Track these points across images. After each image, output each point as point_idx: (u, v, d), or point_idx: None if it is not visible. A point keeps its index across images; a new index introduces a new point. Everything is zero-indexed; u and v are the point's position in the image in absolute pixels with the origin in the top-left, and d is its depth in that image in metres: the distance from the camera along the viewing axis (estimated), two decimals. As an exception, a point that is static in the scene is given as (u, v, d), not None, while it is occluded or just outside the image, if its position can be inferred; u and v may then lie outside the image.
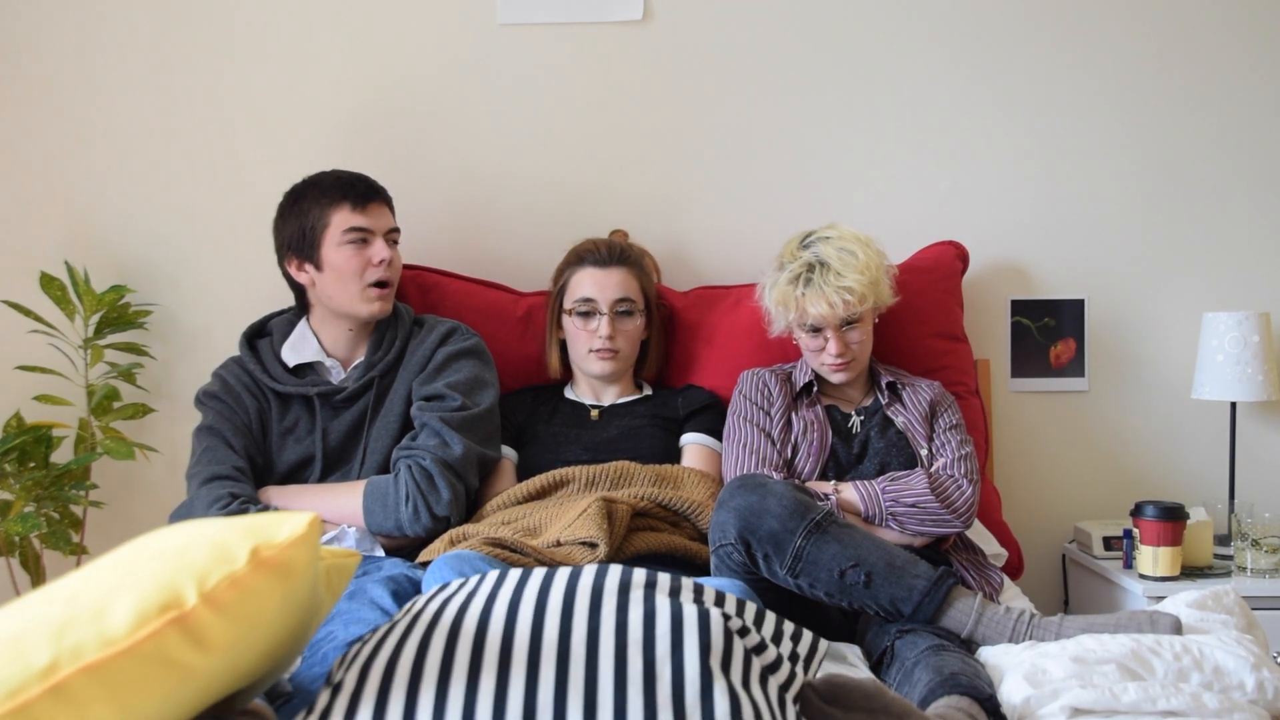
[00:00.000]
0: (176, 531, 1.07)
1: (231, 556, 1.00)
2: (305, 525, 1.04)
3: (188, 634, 0.95)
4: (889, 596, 1.74)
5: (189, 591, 0.96)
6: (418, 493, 2.02)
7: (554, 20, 2.62)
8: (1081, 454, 2.69)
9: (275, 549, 1.01)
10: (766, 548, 1.77)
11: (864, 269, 2.15)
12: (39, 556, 2.42)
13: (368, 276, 2.15)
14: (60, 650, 0.92)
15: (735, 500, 1.81)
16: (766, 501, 1.78)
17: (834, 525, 1.78)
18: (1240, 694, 1.43)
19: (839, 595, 1.76)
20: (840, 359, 2.17)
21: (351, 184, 2.16)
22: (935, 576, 1.74)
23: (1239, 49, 2.65)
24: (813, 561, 1.75)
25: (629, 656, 1.06)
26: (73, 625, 0.94)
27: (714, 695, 1.04)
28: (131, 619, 0.94)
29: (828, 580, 1.75)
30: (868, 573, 1.73)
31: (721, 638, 1.10)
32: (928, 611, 1.72)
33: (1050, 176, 2.66)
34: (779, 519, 1.76)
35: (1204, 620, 1.60)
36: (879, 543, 1.79)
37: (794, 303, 2.17)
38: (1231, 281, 2.67)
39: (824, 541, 1.75)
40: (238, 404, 2.16)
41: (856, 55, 2.64)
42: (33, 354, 2.46)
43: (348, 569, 1.26)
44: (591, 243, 2.37)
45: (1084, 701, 1.39)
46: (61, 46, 2.60)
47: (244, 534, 1.02)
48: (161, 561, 1.00)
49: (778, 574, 1.78)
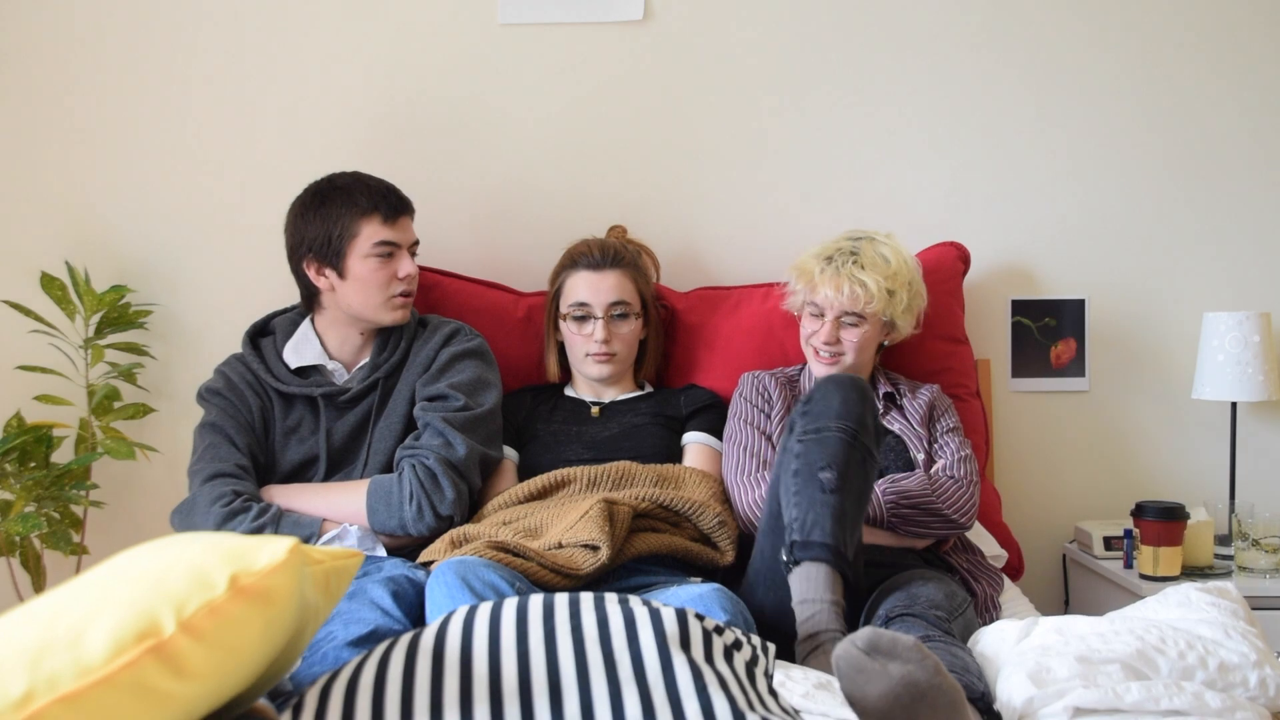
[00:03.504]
0: (158, 551, 1.05)
1: (210, 584, 0.98)
2: (285, 552, 1.02)
3: (166, 662, 0.93)
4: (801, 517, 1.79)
5: (167, 619, 0.94)
6: (422, 492, 2.01)
7: (554, 20, 2.62)
8: (1082, 454, 2.69)
9: (255, 576, 0.99)
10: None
11: (889, 276, 2.16)
12: (39, 556, 2.41)
13: (392, 289, 2.14)
14: (36, 679, 0.90)
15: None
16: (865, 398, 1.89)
17: (867, 458, 1.84)
18: (1243, 691, 1.43)
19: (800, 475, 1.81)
20: (830, 349, 2.17)
21: (384, 195, 2.14)
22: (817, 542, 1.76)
23: (1239, 49, 2.65)
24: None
25: (587, 650, 1.08)
26: (49, 652, 0.92)
27: (675, 670, 1.06)
28: (109, 647, 0.92)
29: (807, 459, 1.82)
30: (836, 487, 1.78)
31: (676, 624, 1.12)
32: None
33: (1051, 177, 2.67)
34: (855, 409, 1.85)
35: (1217, 605, 1.60)
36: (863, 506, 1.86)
37: (809, 276, 2.19)
38: (1231, 281, 2.67)
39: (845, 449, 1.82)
40: (241, 401, 2.16)
41: (857, 56, 2.64)
42: (33, 354, 2.46)
43: (349, 571, 1.25)
44: (585, 244, 2.36)
45: (1087, 701, 1.39)
46: (62, 47, 2.60)
47: (223, 560, 1.00)
48: (140, 587, 0.98)
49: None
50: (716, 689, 1.05)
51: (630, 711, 1.02)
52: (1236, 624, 1.54)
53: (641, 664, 1.07)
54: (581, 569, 1.80)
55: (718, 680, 1.07)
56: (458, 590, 1.64)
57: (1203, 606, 1.60)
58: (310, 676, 1.54)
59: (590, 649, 1.08)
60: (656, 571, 1.93)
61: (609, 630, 1.10)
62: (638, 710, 1.02)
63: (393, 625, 1.69)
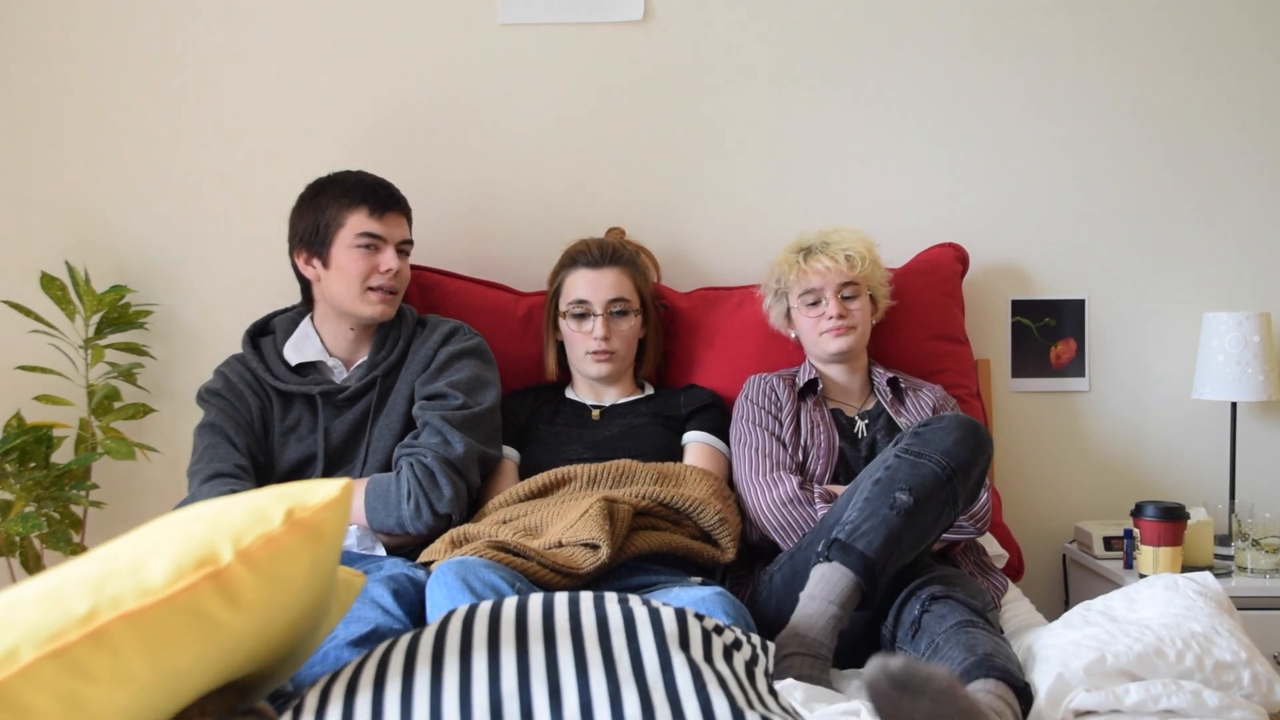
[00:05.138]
0: (218, 501, 1.11)
1: (267, 517, 1.04)
2: (339, 490, 1.08)
3: (222, 589, 0.99)
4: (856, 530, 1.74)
5: (225, 549, 1.01)
6: (419, 490, 2.02)
7: (554, 20, 2.62)
8: (1082, 454, 2.69)
9: (310, 511, 1.05)
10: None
11: (861, 242, 2.26)
12: (39, 556, 2.42)
13: (371, 282, 2.15)
14: (100, 599, 0.96)
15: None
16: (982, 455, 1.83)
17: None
18: (1238, 689, 1.44)
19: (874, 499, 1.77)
20: (841, 322, 2.19)
21: (373, 189, 2.17)
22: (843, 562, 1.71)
23: (1239, 49, 2.65)
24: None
25: (586, 649, 1.09)
26: (112, 578, 0.98)
27: (674, 669, 1.06)
28: (169, 572, 0.98)
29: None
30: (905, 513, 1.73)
31: (675, 624, 1.12)
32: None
33: (1050, 177, 2.67)
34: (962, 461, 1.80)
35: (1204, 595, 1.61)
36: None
37: (795, 267, 2.24)
38: (1231, 281, 2.67)
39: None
40: (240, 401, 2.16)
41: (857, 56, 2.64)
42: (33, 354, 2.46)
43: (355, 586, 1.32)
44: (584, 243, 2.36)
45: (1089, 704, 1.39)
46: (63, 47, 2.60)
47: (279, 498, 1.07)
48: (200, 524, 1.05)
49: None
50: (716, 688, 1.05)
51: (629, 711, 1.02)
52: (1224, 619, 1.55)
53: (641, 663, 1.07)
54: (582, 568, 1.80)
55: (717, 680, 1.07)
56: (458, 591, 1.64)
57: (1190, 594, 1.61)
58: (311, 676, 1.54)
59: (589, 648, 1.09)
60: (657, 570, 1.93)
61: (608, 630, 1.11)
62: (637, 710, 1.02)
63: (393, 625, 1.69)
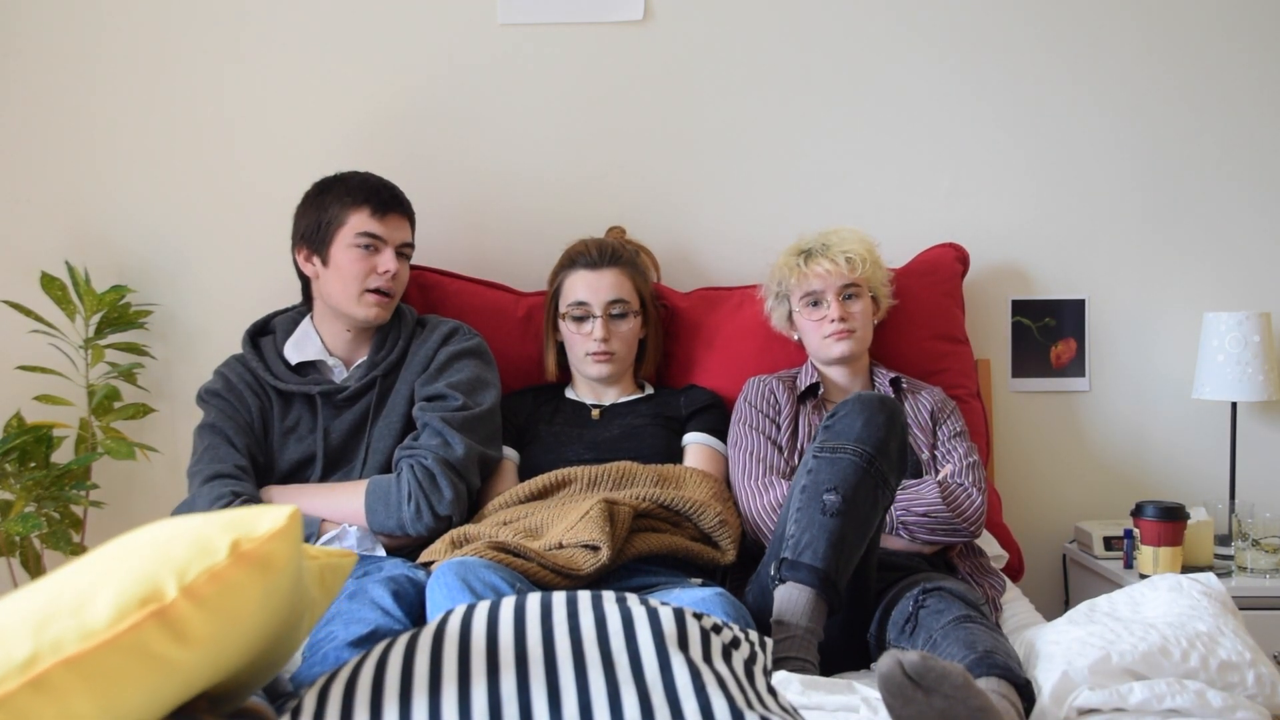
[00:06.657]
0: (161, 526, 1.07)
1: (212, 549, 0.99)
2: (285, 519, 1.04)
3: (168, 627, 0.95)
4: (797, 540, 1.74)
5: (169, 585, 0.96)
6: (420, 492, 2.01)
7: (554, 20, 2.62)
8: (1082, 454, 2.69)
9: (255, 542, 1.01)
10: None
11: (861, 244, 2.25)
12: (39, 556, 2.41)
13: (368, 283, 2.15)
14: (41, 643, 0.92)
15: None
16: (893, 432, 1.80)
17: (879, 489, 1.78)
18: (1242, 690, 1.44)
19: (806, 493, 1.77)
20: (843, 325, 2.19)
21: (376, 190, 2.18)
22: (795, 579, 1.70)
23: (1239, 50, 2.65)
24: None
25: (585, 649, 1.08)
26: (54, 618, 0.94)
27: (673, 669, 1.06)
28: (112, 612, 0.94)
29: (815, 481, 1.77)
30: (839, 510, 1.72)
31: (674, 624, 1.12)
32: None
33: (1050, 177, 2.67)
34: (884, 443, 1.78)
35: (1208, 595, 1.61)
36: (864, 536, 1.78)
37: (796, 270, 2.23)
38: (1231, 281, 2.67)
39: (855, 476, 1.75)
40: (240, 402, 2.16)
41: (857, 57, 2.64)
42: (33, 354, 2.46)
43: (343, 569, 1.27)
44: (583, 244, 2.36)
45: (1093, 702, 1.39)
46: (62, 46, 2.60)
47: (224, 528, 1.02)
48: (142, 556, 1.00)
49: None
50: (715, 688, 1.05)
51: (628, 711, 1.02)
52: (1228, 620, 1.55)
53: (639, 664, 1.07)
54: (582, 569, 1.80)
55: (716, 680, 1.07)
56: (458, 591, 1.64)
57: (1195, 595, 1.61)
58: (311, 677, 1.54)
59: (588, 648, 1.08)
60: (657, 572, 1.93)
61: (607, 630, 1.10)
62: (636, 710, 1.02)
63: (393, 625, 1.69)
